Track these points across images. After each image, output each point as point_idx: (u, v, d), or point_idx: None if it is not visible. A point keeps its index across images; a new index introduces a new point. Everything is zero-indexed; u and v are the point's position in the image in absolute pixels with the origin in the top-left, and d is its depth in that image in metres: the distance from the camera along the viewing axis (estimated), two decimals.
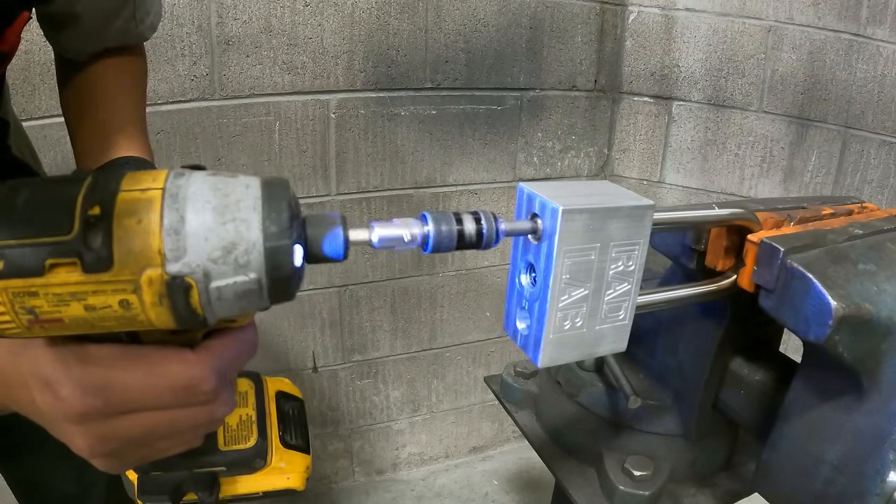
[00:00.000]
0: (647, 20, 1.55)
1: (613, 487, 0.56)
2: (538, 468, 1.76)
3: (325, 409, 1.62)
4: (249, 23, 1.23)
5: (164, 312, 0.26)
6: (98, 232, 0.25)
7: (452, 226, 0.32)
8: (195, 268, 0.26)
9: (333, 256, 0.30)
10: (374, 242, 0.31)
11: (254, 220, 0.26)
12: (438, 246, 0.32)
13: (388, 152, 1.43)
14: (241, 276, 0.26)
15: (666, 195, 1.67)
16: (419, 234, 0.32)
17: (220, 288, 0.26)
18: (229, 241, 0.26)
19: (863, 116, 1.49)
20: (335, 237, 0.29)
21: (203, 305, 0.27)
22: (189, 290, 0.26)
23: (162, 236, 0.25)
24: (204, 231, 0.26)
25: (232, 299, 0.27)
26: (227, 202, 0.26)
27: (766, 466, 0.49)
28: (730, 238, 0.48)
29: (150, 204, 0.26)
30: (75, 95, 0.65)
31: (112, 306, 0.26)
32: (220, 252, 0.26)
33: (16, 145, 0.66)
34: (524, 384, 0.72)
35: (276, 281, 0.27)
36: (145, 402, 0.30)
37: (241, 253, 0.26)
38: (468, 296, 1.65)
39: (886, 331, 0.41)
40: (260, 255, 0.26)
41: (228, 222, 0.26)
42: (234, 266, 0.26)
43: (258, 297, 0.27)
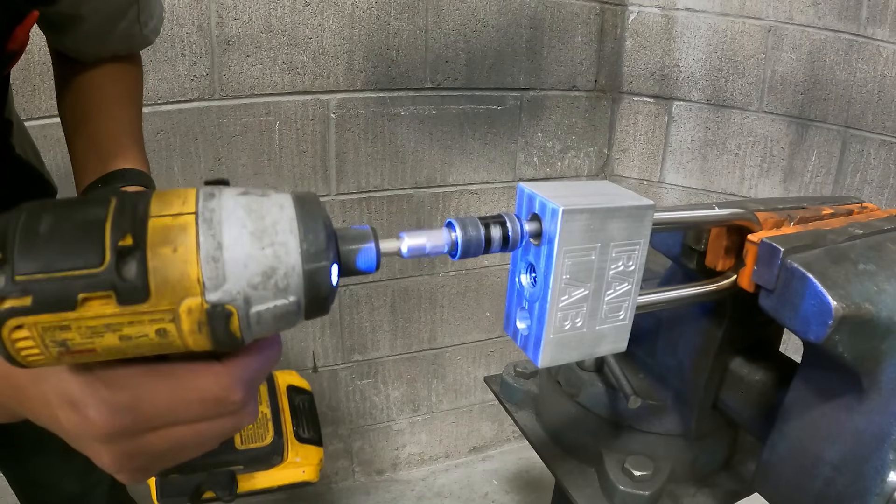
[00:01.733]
0: (647, 20, 1.55)
1: (613, 487, 0.56)
2: (538, 468, 1.76)
3: (325, 409, 1.62)
4: (249, 23, 1.23)
5: (202, 339, 0.26)
6: (132, 262, 0.24)
7: (479, 231, 0.33)
8: (235, 295, 0.25)
9: (366, 270, 0.30)
10: (404, 252, 0.32)
11: (292, 243, 0.26)
12: (467, 252, 0.33)
13: (388, 152, 1.43)
14: (281, 300, 0.26)
15: (666, 195, 1.67)
16: (447, 241, 0.32)
17: (261, 312, 0.26)
18: (269, 266, 0.26)
19: (863, 116, 1.49)
20: (368, 252, 0.30)
21: (242, 330, 0.27)
22: (230, 317, 0.26)
23: (200, 265, 0.25)
24: (243, 257, 0.25)
25: (271, 322, 0.27)
26: (263, 226, 0.26)
27: (766, 466, 0.49)
28: (730, 238, 0.48)
29: (183, 230, 0.25)
30: (72, 103, 0.65)
31: (149, 335, 0.25)
32: (261, 277, 0.26)
33: (19, 145, 0.66)
34: (524, 384, 0.72)
35: (315, 300, 0.28)
36: (174, 418, 0.30)
37: (281, 277, 0.26)
38: (468, 296, 1.65)
39: (886, 331, 0.41)
40: (299, 278, 0.26)
41: (267, 247, 0.26)
42: (273, 290, 0.26)
43: (296, 316, 0.28)
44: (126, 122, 0.65)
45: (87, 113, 0.64)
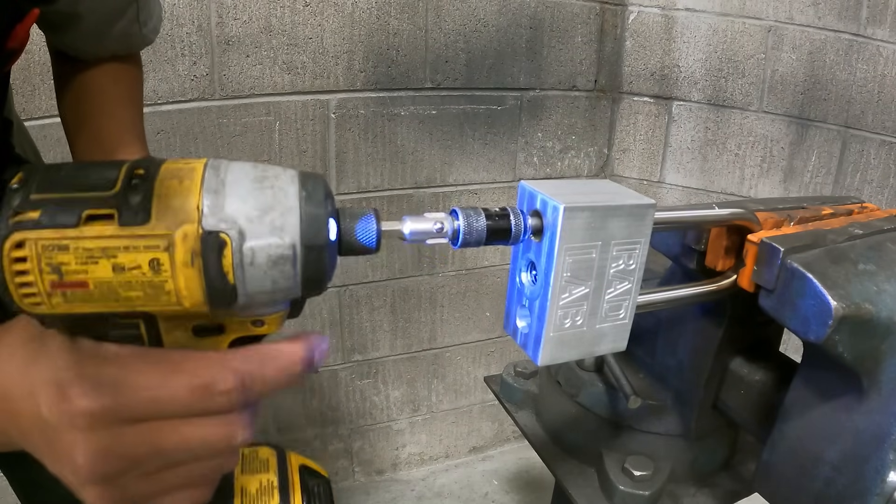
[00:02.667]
0: (647, 20, 1.55)
1: (613, 487, 0.56)
2: (538, 468, 1.76)
3: (325, 409, 1.62)
4: (249, 23, 1.23)
5: (193, 276, 0.26)
6: (140, 190, 0.26)
7: (482, 220, 0.33)
8: (232, 224, 0.26)
9: (367, 244, 0.30)
10: (406, 234, 0.32)
11: (291, 190, 0.27)
12: (468, 240, 0.33)
13: (388, 152, 1.43)
14: (275, 239, 0.26)
15: (666, 195, 1.67)
16: (449, 227, 0.33)
17: (255, 249, 0.26)
18: (267, 203, 0.27)
19: (863, 116, 1.49)
20: (368, 225, 0.30)
21: (235, 268, 0.26)
22: (223, 247, 0.26)
23: (202, 194, 0.26)
24: (243, 192, 0.27)
25: (265, 265, 0.27)
26: (265, 174, 0.28)
27: (766, 466, 0.49)
28: (730, 238, 0.48)
29: (192, 171, 0.27)
30: (73, 103, 0.65)
31: (141, 267, 0.25)
32: (258, 212, 0.26)
33: (19, 144, 0.66)
34: (524, 384, 0.72)
35: (311, 250, 0.27)
36: (159, 404, 0.28)
37: (278, 215, 0.27)
38: (468, 296, 1.65)
39: (886, 331, 0.41)
40: (296, 220, 0.27)
41: (267, 188, 0.27)
42: (269, 227, 0.26)
43: (292, 267, 0.27)
44: (128, 121, 0.65)
45: (89, 112, 0.64)
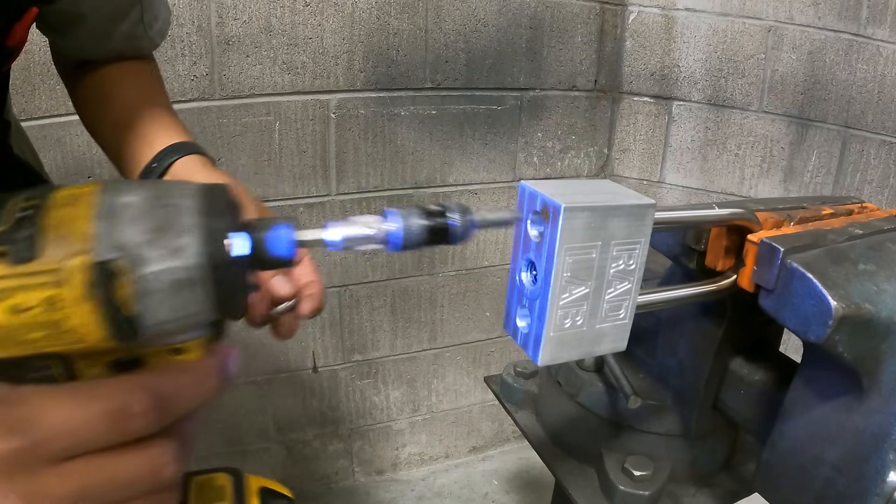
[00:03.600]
0: (647, 20, 1.55)
1: (613, 487, 0.56)
2: (538, 468, 1.76)
3: (325, 409, 1.62)
4: (249, 23, 1.23)
5: (91, 311, 0.24)
6: (28, 223, 0.24)
7: (420, 220, 0.30)
8: (125, 252, 0.23)
9: (282, 256, 0.27)
10: (333, 242, 0.28)
11: (188, 204, 0.25)
12: (407, 243, 0.30)
13: (388, 152, 1.43)
14: (174, 262, 0.24)
15: (666, 195, 1.67)
16: (382, 232, 0.29)
17: (152, 275, 0.24)
18: (162, 224, 0.24)
19: (863, 116, 1.49)
20: (281, 236, 0.27)
21: (132, 298, 0.24)
22: (118, 276, 0.24)
23: (93, 221, 0.24)
24: (137, 215, 0.24)
25: (165, 293, 0.24)
26: (162, 192, 0.25)
27: (766, 466, 0.49)
28: (730, 238, 0.48)
29: (86, 195, 0.25)
30: (98, 104, 0.64)
31: (38, 306, 0.23)
32: (153, 234, 0.24)
33: (17, 145, 0.66)
34: (524, 384, 0.72)
35: (216, 270, 0.25)
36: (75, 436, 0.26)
37: (174, 234, 0.24)
38: (468, 296, 1.65)
39: (886, 331, 0.41)
40: (194, 241, 0.24)
41: (161, 207, 0.24)
42: (166, 250, 0.24)
43: (195, 293, 0.25)
44: (162, 107, 0.64)
45: (119, 110, 0.62)
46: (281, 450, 1.62)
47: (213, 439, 1.54)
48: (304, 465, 1.66)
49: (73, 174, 1.20)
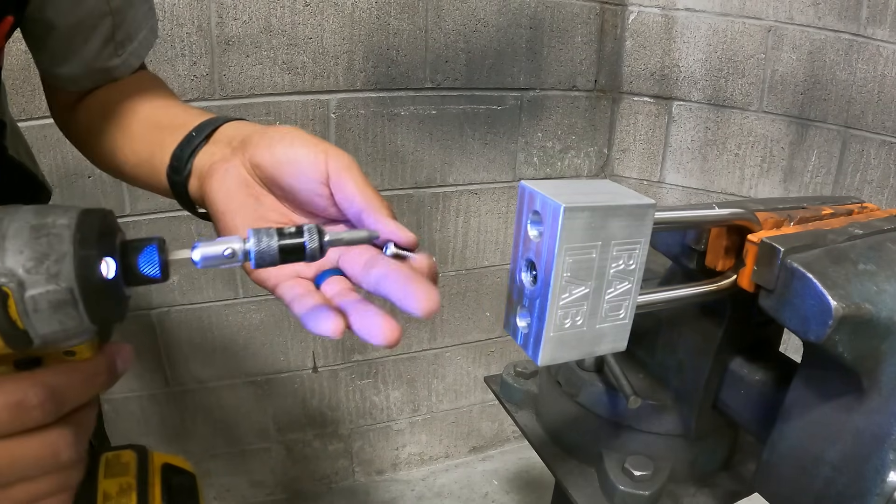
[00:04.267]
0: (647, 20, 1.55)
1: (613, 487, 0.56)
2: (538, 468, 1.76)
3: (325, 409, 1.62)
4: (249, 23, 1.23)
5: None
6: None
7: (273, 240, 0.33)
8: (11, 277, 0.28)
9: (151, 276, 0.32)
10: (196, 261, 0.32)
11: (66, 234, 0.29)
12: (261, 261, 0.33)
13: (388, 152, 1.43)
14: (52, 286, 0.28)
15: (666, 195, 1.67)
16: (240, 249, 0.33)
17: (35, 297, 0.28)
18: (42, 252, 0.28)
19: (863, 116, 1.49)
20: (150, 257, 0.31)
21: (21, 316, 0.28)
22: (6, 299, 0.28)
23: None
24: (21, 244, 0.28)
25: (48, 311, 0.29)
26: (44, 221, 0.29)
27: (766, 466, 0.49)
28: (730, 238, 0.48)
29: None
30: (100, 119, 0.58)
31: None
32: (33, 262, 0.28)
33: (13, 146, 0.65)
34: (524, 384, 0.72)
35: (88, 291, 0.29)
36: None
37: (52, 262, 0.28)
38: (468, 296, 1.65)
39: (886, 331, 0.41)
40: (70, 265, 0.28)
41: (43, 237, 0.29)
42: (45, 275, 0.28)
43: (74, 310, 0.29)
44: (187, 106, 0.58)
45: (126, 114, 0.57)
46: (281, 450, 1.62)
47: (214, 439, 1.54)
48: (304, 465, 1.66)
49: (72, 174, 1.20)
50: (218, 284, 1.38)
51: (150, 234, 1.38)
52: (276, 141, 0.42)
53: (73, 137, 0.65)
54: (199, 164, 0.47)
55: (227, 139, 0.47)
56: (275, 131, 0.44)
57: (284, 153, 0.42)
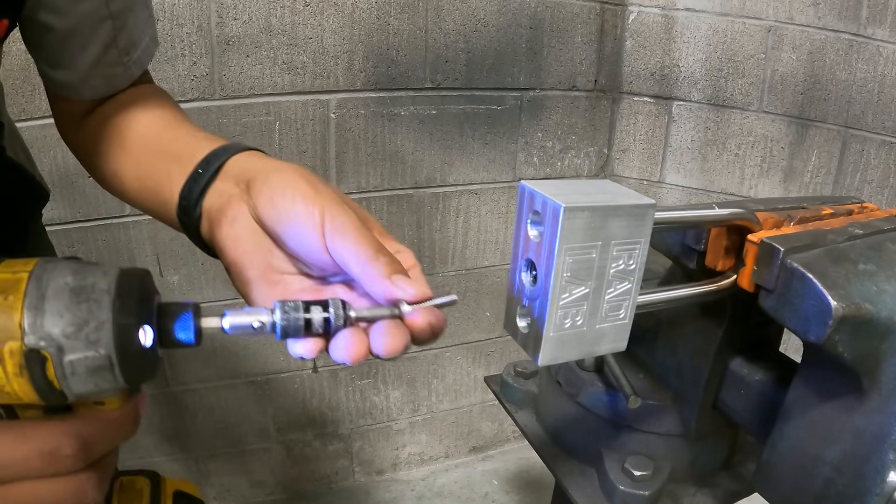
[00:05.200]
0: (647, 20, 1.55)
1: (613, 487, 0.56)
2: (538, 468, 1.76)
3: (325, 409, 1.62)
4: (249, 23, 1.23)
5: (25, 384, 0.29)
6: None
7: (300, 314, 0.35)
8: (50, 342, 0.28)
9: (186, 342, 0.33)
10: (225, 329, 0.33)
11: (105, 301, 0.30)
12: (286, 333, 0.35)
13: (388, 152, 1.43)
14: (91, 352, 0.29)
15: (666, 195, 1.67)
16: (267, 322, 0.34)
17: (73, 362, 0.29)
18: (81, 319, 0.29)
19: (863, 116, 1.49)
20: (186, 324, 0.33)
21: (59, 378, 0.29)
22: (45, 362, 0.29)
23: (23, 312, 0.28)
24: (61, 308, 0.29)
25: (85, 374, 0.29)
26: (84, 284, 0.30)
27: (766, 466, 0.49)
28: (730, 238, 0.48)
29: (17, 283, 0.29)
30: (106, 135, 0.57)
31: None
32: (73, 328, 0.29)
33: (10, 147, 0.65)
34: (524, 384, 0.72)
35: (126, 358, 0.30)
36: (13, 469, 0.31)
37: (92, 330, 0.29)
38: (468, 296, 1.65)
39: (886, 331, 0.41)
40: (109, 333, 0.29)
41: (83, 302, 0.29)
42: (84, 342, 0.29)
43: (110, 373, 0.30)
44: (193, 128, 0.55)
45: (139, 138, 0.55)
46: (281, 450, 1.62)
47: (214, 439, 1.54)
48: (304, 465, 1.66)
49: (72, 174, 1.20)
50: (218, 284, 1.38)
51: (152, 236, 1.36)
52: (278, 194, 0.41)
53: (79, 155, 0.64)
54: (207, 205, 0.46)
55: (234, 177, 0.45)
56: (276, 177, 0.42)
57: (285, 209, 0.40)
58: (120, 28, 0.56)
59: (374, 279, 0.38)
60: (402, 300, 0.38)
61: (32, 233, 0.69)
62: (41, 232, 0.73)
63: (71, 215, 1.23)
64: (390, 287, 0.38)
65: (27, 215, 0.68)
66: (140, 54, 0.60)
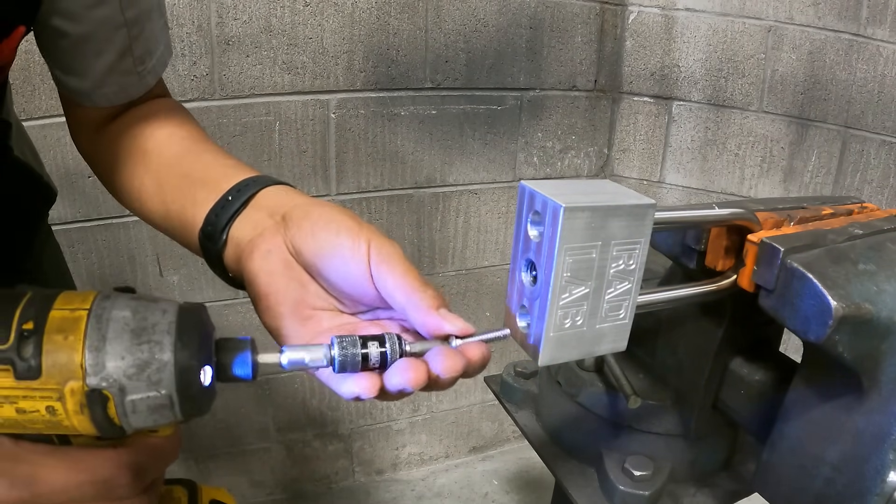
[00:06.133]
0: (647, 20, 1.55)
1: (613, 487, 0.56)
2: (538, 468, 1.76)
3: (325, 409, 1.62)
4: (249, 23, 1.23)
5: (85, 420, 0.29)
6: (30, 344, 0.29)
7: (357, 349, 0.35)
8: (112, 382, 0.29)
9: (243, 377, 0.33)
10: (284, 365, 0.34)
11: (166, 342, 0.30)
12: (343, 368, 0.35)
13: (388, 152, 1.43)
14: (153, 392, 0.29)
15: (666, 195, 1.67)
16: (326, 356, 0.34)
17: (135, 401, 0.29)
18: (143, 360, 0.29)
19: (863, 116, 1.49)
20: (244, 361, 0.33)
21: (120, 416, 0.30)
22: (106, 401, 0.29)
23: (84, 352, 0.29)
24: (122, 350, 0.29)
25: (145, 412, 0.30)
26: (144, 325, 0.30)
27: (766, 466, 0.49)
28: (730, 238, 0.48)
29: (76, 322, 0.29)
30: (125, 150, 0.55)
31: (40, 411, 0.29)
32: (135, 370, 0.29)
33: (18, 146, 0.65)
34: (524, 384, 0.72)
35: (186, 397, 0.30)
36: (69, 495, 0.32)
37: (154, 371, 0.29)
38: (468, 296, 1.65)
39: (886, 331, 0.41)
40: (171, 374, 0.30)
41: (144, 343, 0.30)
42: (146, 383, 0.29)
43: (170, 411, 0.30)
44: (217, 150, 0.54)
45: (158, 157, 0.54)
46: (281, 450, 1.62)
47: (214, 439, 1.54)
48: (304, 465, 1.66)
49: (72, 174, 1.20)
50: (218, 284, 1.38)
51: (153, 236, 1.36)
52: (320, 227, 0.40)
53: (92, 164, 0.63)
54: (237, 234, 0.45)
55: (269, 210, 0.44)
56: (317, 211, 0.42)
57: (328, 241, 0.40)
58: (136, 36, 0.55)
59: (421, 311, 0.37)
60: (452, 334, 0.38)
61: (40, 232, 0.70)
62: (48, 231, 0.73)
63: (71, 215, 1.23)
64: (438, 319, 0.37)
65: (35, 215, 0.68)
66: (155, 63, 0.59)
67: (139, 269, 1.33)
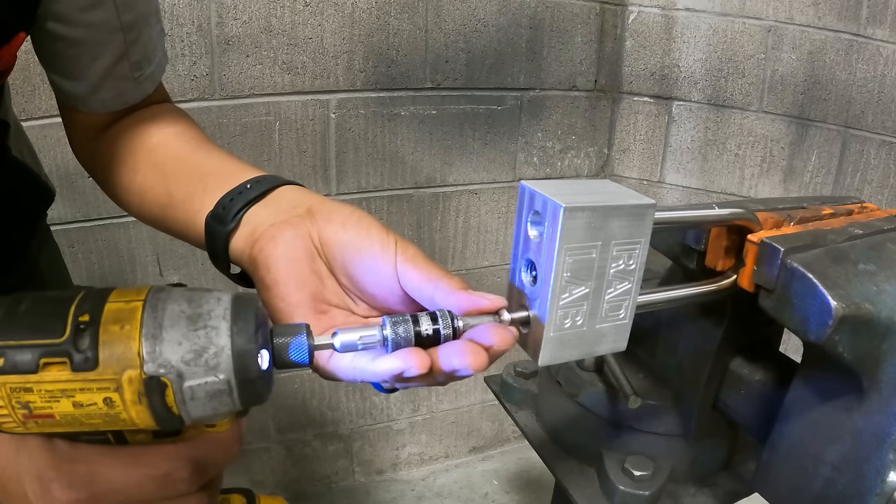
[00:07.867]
0: (647, 20, 1.55)
1: (613, 487, 0.56)
2: (538, 468, 1.76)
3: (325, 409, 1.62)
4: (249, 23, 1.23)
5: (143, 410, 0.29)
6: (86, 336, 0.29)
7: (409, 326, 0.35)
8: (170, 368, 0.29)
9: (300, 362, 0.33)
10: (337, 347, 0.34)
11: (223, 327, 0.30)
12: (397, 346, 0.35)
13: (388, 152, 1.43)
14: (211, 377, 0.29)
15: (666, 195, 1.67)
16: (379, 337, 0.34)
17: (193, 387, 0.29)
18: (200, 346, 0.29)
19: (863, 116, 1.49)
20: (300, 345, 0.33)
21: (178, 404, 0.30)
22: (164, 388, 0.29)
23: (141, 340, 0.29)
24: (178, 336, 0.29)
25: (204, 399, 0.30)
26: (199, 311, 0.30)
27: (766, 466, 0.49)
28: (730, 238, 0.48)
29: (132, 313, 0.29)
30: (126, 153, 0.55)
31: (97, 403, 0.29)
32: (192, 355, 0.29)
33: (16, 146, 0.65)
34: (524, 384, 0.72)
35: (244, 382, 0.30)
36: (127, 495, 0.32)
37: (211, 356, 0.29)
38: None
39: (886, 331, 0.41)
40: (228, 358, 0.30)
41: (200, 329, 0.30)
42: (204, 368, 0.29)
43: (229, 397, 0.30)
44: (225, 152, 0.54)
45: (165, 154, 0.53)
46: (281, 450, 1.62)
47: None
48: (304, 465, 1.66)
49: (72, 174, 1.20)
50: (218, 284, 1.38)
51: (153, 236, 1.36)
52: (352, 223, 0.41)
53: (89, 167, 0.62)
54: (254, 219, 0.44)
55: (290, 203, 0.44)
56: (344, 208, 0.42)
57: (359, 236, 0.40)
58: (133, 41, 0.55)
59: (451, 293, 0.37)
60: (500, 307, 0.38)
61: (38, 232, 0.70)
62: (46, 231, 0.73)
63: (71, 215, 1.23)
64: (470, 296, 0.38)
65: (32, 215, 0.68)
66: (154, 69, 0.59)
67: (139, 269, 1.33)
